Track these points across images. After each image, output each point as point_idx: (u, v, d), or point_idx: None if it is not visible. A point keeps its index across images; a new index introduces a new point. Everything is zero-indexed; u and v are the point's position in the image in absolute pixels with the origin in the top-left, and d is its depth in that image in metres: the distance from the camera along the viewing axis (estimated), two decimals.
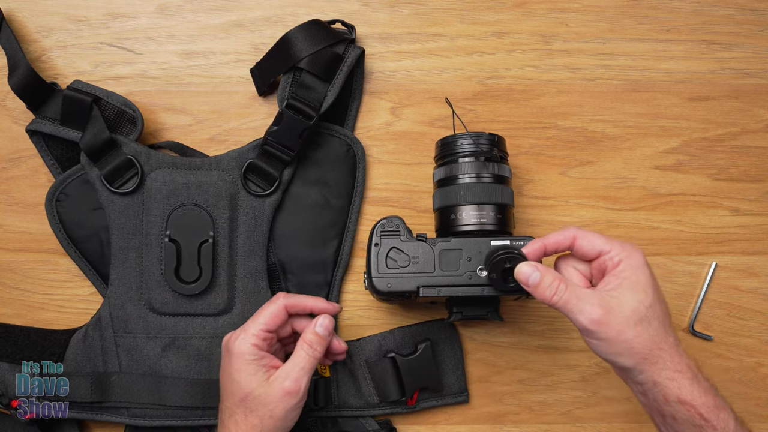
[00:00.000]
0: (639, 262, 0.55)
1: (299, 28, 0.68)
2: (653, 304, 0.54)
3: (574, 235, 0.57)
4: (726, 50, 0.75)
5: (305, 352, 0.59)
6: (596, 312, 0.53)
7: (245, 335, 0.59)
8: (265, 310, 0.61)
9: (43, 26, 0.73)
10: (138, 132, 0.69)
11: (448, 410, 0.71)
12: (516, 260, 0.57)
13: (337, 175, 0.71)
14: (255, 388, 0.58)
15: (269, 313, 0.60)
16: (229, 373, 0.59)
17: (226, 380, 0.60)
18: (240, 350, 0.59)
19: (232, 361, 0.59)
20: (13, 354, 0.68)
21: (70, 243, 0.69)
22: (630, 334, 0.53)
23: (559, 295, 0.54)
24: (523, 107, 0.74)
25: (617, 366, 0.55)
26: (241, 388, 0.58)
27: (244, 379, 0.58)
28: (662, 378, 0.53)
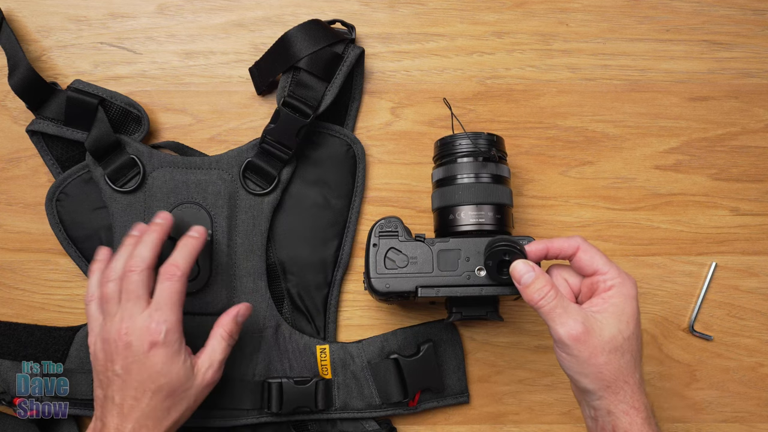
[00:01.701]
0: (630, 293, 0.55)
1: (299, 27, 0.68)
2: (631, 338, 0.54)
3: (578, 246, 0.57)
4: (726, 50, 0.75)
5: (225, 342, 0.61)
6: (577, 328, 0.53)
7: (171, 325, 0.57)
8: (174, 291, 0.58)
9: (43, 26, 0.73)
10: (144, 131, 0.70)
11: (448, 410, 0.71)
12: (515, 255, 0.57)
13: (337, 175, 0.71)
14: (183, 382, 0.57)
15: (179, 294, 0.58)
16: (152, 366, 0.56)
17: (143, 373, 0.56)
18: (170, 340, 0.57)
19: (160, 354, 0.56)
20: (17, 351, 0.68)
21: (70, 243, 0.69)
22: (602, 359, 0.53)
23: (547, 301, 0.54)
24: (523, 107, 0.74)
25: (579, 386, 0.55)
26: (171, 383, 0.56)
27: (174, 373, 0.57)
28: (618, 410, 0.54)
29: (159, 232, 0.61)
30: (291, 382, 0.67)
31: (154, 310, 0.57)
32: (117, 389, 0.57)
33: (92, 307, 0.61)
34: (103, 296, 0.60)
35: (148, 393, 0.56)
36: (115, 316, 0.58)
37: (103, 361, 0.58)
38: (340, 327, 0.71)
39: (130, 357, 0.56)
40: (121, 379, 0.56)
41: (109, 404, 0.57)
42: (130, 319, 0.57)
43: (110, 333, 0.57)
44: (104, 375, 0.58)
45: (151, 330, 0.56)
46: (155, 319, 0.57)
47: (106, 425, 0.56)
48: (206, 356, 0.60)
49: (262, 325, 0.68)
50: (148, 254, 0.59)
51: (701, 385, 0.72)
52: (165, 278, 0.58)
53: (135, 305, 0.57)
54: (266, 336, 0.68)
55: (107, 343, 0.58)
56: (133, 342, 0.56)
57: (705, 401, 0.71)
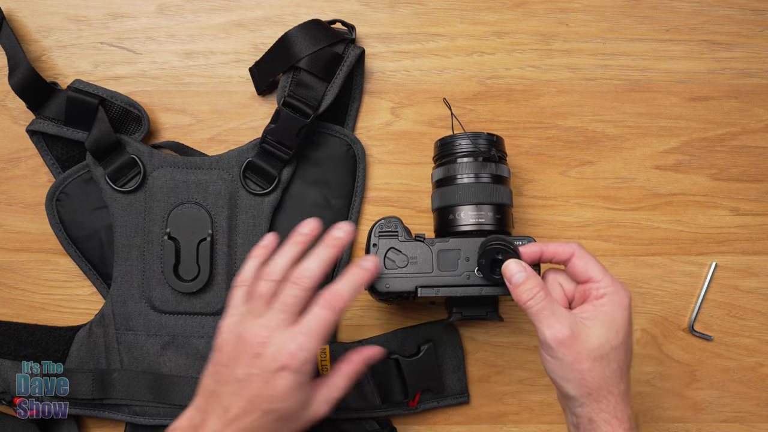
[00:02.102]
0: (623, 302, 0.55)
1: (299, 27, 0.68)
2: (618, 348, 0.53)
3: (573, 252, 0.57)
4: (726, 50, 0.75)
5: (349, 382, 0.58)
6: (563, 332, 0.53)
7: (310, 355, 0.53)
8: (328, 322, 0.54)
9: (43, 26, 0.73)
10: (144, 131, 0.70)
11: (448, 410, 0.71)
12: (508, 254, 0.57)
13: (337, 175, 0.71)
14: (296, 411, 0.54)
15: (331, 326, 0.54)
16: (274, 387, 0.53)
17: (262, 390, 0.53)
18: (303, 371, 0.53)
19: (287, 379, 0.52)
20: (17, 351, 0.68)
21: (70, 243, 0.69)
22: (586, 365, 0.52)
23: (535, 302, 0.54)
24: (523, 107, 0.74)
25: (562, 391, 0.55)
26: (285, 409, 0.53)
27: (292, 402, 0.54)
28: (599, 418, 0.53)
29: (336, 248, 0.57)
30: None
31: (300, 333, 0.53)
32: (230, 391, 0.54)
33: (239, 293, 0.57)
34: (255, 291, 0.56)
35: (258, 411, 0.53)
36: (259, 317, 0.54)
37: (227, 356, 0.55)
38: (340, 327, 0.71)
39: (256, 368, 0.53)
40: (239, 384, 0.53)
41: (215, 403, 0.54)
42: (273, 330, 0.53)
43: (247, 332, 0.54)
44: (223, 369, 0.55)
45: (289, 352, 0.52)
46: (298, 343, 0.52)
47: (205, 422, 0.54)
48: (326, 391, 0.56)
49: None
50: (318, 272, 0.56)
51: (701, 385, 0.72)
52: (324, 305, 0.54)
53: (284, 319, 0.54)
54: None
55: (240, 340, 0.54)
56: (265, 355, 0.53)
57: (705, 401, 0.71)
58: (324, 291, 0.55)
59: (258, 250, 0.60)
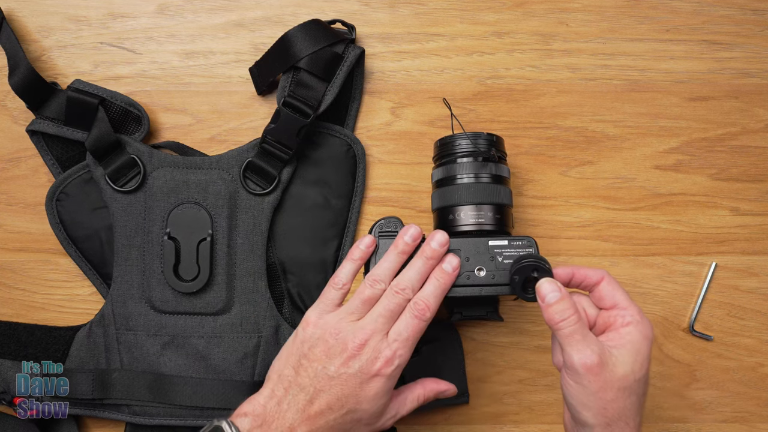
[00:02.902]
0: (648, 334, 0.54)
1: (299, 27, 0.68)
2: (641, 380, 0.53)
3: (602, 277, 0.56)
4: (726, 50, 0.75)
5: (416, 405, 0.60)
6: (593, 359, 0.52)
7: (402, 361, 0.55)
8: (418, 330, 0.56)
9: (43, 26, 0.73)
10: (144, 131, 0.70)
11: (448, 410, 0.71)
12: (544, 273, 0.56)
13: (337, 175, 0.71)
14: (374, 416, 0.56)
15: (420, 334, 0.57)
16: (365, 390, 0.55)
17: (352, 390, 0.54)
18: (394, 377, 0.55)
19: (380, 385, 0.55)
20: (17, 351, 0.68)
21: (70, 243, 0.69)
22: (610, 395, 0.52)
23: (567, 324, 0.53)
24: (523, 107, 0.74)
25: (578, 417, 0.54)
26: (367, 412, 0.55)
27: (376, 407, 0.56)
28: None
29: (433, 261, 0.59)
30: None
31: (395, 341, 0.55)
32: (317, 385, 0.55)
33: (333, 293, 0.59)
34: (359, 293, 0.58)
35: (344, 410, 0.54)
36: (358, 320, 0.56)
37: (320, 350, 0.56)
38: None
39: (351, 368, 0.55)
40: (330, 381, 0.55)
41: (298, 394, 0.55)
42: (371, 333, 0.55)
43: (346, 333, 0.55)
44: (312, 363, 0.56)
45: (386, 358, 0.55)
46: (393, 349, 0.55)
47: (282, 413, 0.54)
48: (397, 406, 0.59)
49: (262, 325, 0.68)
50: (418, 285, 0.58)
51: (701, 385, 0.72)
52: (415, 315, 0.56)
53: (382, 324, 0.56)
54: (266, 336, 0.68)
55: (337, 337, 0.55)
56: (363, 358, 0.55)
57: (705, 401, 0.71)
58: (415, 299, 0.57)
59: (356, 252, 0.60)
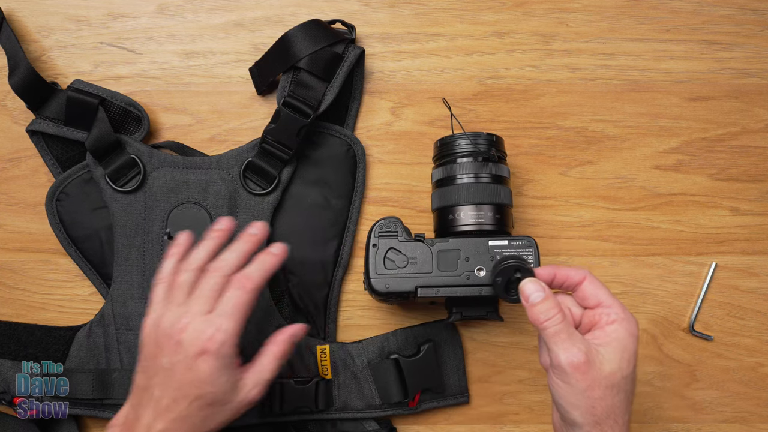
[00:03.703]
0: (633, 331, 0.54)
1: (299, 27, 0.68)
2: (628, 378, 0.53)
3: (584, 276, 0.56)
4: (726, 50, 0.75)
5: (277, 362, 0.58)
6: (579, 357, 0.51)
7: (227, 336, 0.54)
8: (242, 302, 0.56)
9: (43, 26, 0.73)
10: (144, 131, 0.70)
11: (448, 410, 0.71)
12: (527, 273, 0.56)
13: (337, 175, 0.71)
14: (225, 394, 0.55)
15: (245, 306, 0.56)
16: (198, 372, 0.54)
17: (187, 376, 0.54)
18: (223, 353, 0.54)
19: (208, 363, 0.54)
20: (17, 351, 0.68)
21: (70, 243, 0.69)
22: (597, 393, 0.51)
23: (552, 324, 0.53)
24: (523, 107, 0.74)
25: (567, 417, 0.53)
26: (213, 394, 0.54)
27: (219, 386, 0.55)
28: None
29: (251, 243, 0.60)
30: (291, 382, 0.67)
31: (217, 316, 0.55)
32: (159, 382, 0.55)
33: (159, 290, 0.59)
34: (175, 283, 0.58)
35: (188, 398, 0.54)
36: (179, 307, 0.56)
37: (152, 349, 0.56)
38: (340, 327, 0.71)
39: (179, 355, 0.54)
40: (166, 374, 0.55)
41: (147, 396, 0.55)
42: (192, 316, 0.55)
43: (168, 323, 0.56)
44: (151, 363, 0.56)
45: (207, 336, 0.54)
46: (215, 325, 0.54)
47: (138, 418, 0.55)
48: (254, 374, 0.57)
49: (262, 325, 0.68)
50: (236, 263, 0.58)
51: (701, 385, 0.72)
52: (236, 287, 0.56)
53: (202, 305, 0.56)
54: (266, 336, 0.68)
55: (161, 331, 0.56)
56: (185, 341, 0.54)
57: (705, 401, 0.71)
58: (235, 275, 0.57)
59: (174, 249, 0.61)
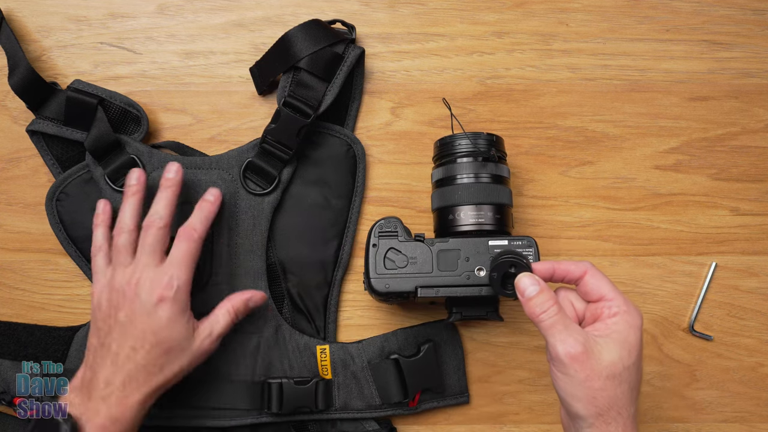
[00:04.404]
0: (636, 322, 0.54)
1: (299, 27, 0.68)
2: (630, 368, 0.53)
3: (586, 270, 0.56)
4: (726, 50, 0.75)
5: (230, 317, 0.63)
6: (576, 348, 0.52)
7: (181, 283, 0.59)
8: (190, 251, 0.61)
9: (43, 26, 0.73)
10: (143, 131, 0.70)
11: (448, 410, 0.71)
12: (521, 268, 0.57)
13: (337, 175, 0.71)
14: (182, 342, 0.59)
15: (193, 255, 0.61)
16: (157, 319, 0.58)
17: (146, 324, 0.58)
18: (180, 298, 0.59)
19: (167, 309, 0.58)
20: (17, 351, 0.68)
21: (70, 243, 0.69)
22: (598, 383, 0.51)
23: (548, 316, 0.53)
24: (523, 107, 0.74)
25: (570, 410, 0.53)
26: (171, 340, 0.58)
27: (177, 331, 0.59)
28: None
29: (173, 188, 0.63)
30: (291, 382, 0.67)
31: (168, 266, 0.59)
32: (116, 337, 0.58)
33: (99, 259, 0.62)
34: (115, 247, 0.61)
35: (146, 345, 0.57)
36: (128, 267, 0.60)
37: (106, 310, 0.59)
38: (340, 327, 0.71)
39: (137, 306, 0.58)
40: (123, 327, 0.58)
41: (104, 352, 0.58)
42: (143, 270, 0.59)
43: (120, 282, 0.59)
44: (105, 323, 0.59)
45: (163, 284, 0.58)
46: (168, 274, 0.59)
47: (96, 374, 0.58)
48: (208, 324, 0.62)
49: (262, 325, 0.68)
50: (165, 212, 0.62)
51: (701, 385, 0.72)
52: (182, 239, 0.61)
53: (150, 258, 0.60)
54: (266, 336, 0.68)
55: (115, 291, 0.59)
56: (142, 293, 0.58)
57: (705, 401, 0.71)
58: (180, 228, 0.62)
59: (97, 219, 0.64)
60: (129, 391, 0.57)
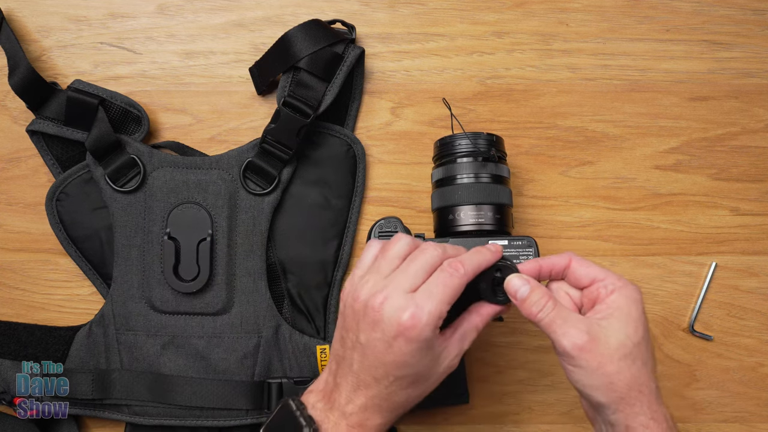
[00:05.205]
0: (634, 296, 0.52)
1: (299, 27, 0.68)
2: (640, 343, 0.51)
3: (570, 258, 0.55)
4: (726, 50, 0.75)
5: (477, 334, 0.55)
6: (581, 337, 0.50)
7: (430, 319, 0.50)
8: (450, 286, 0.52)
9: (43, 26, 0.73)
10: (144, 131, 0.70)
11: (448, 410, 0.71)
12: (507, 270, 0.55)
13: (337, 175, 0.71)
14: (427, 370, 0.52)
15: (456, 291, 0.52)
16: (397, 354, 0.50)
17: (386, 356, 0.50)
18: (422, 337, 0.50)
19: (409, 345, 0.50)
20: (17, 351, 0.68)
21: (70, 243, 0.69)
22: (612, 368, 0.50)
23: (545, 313, 0.52)
24: (523, 107, 0.74)
25: (592, 400, 0.52)
26: (416, 374, 0.51)
27: (421, 365, 0.51)
28: (637, 423, 0.50)
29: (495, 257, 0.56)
30: (291, 382, 0.67)
31: (420, 293, 0.51)
32: (357, 358, 0.52)
33: (373, 248, 0.55)
34: (386, 250, 0.54)
35: (389, 378, 0.51)
36: (384, 278, 0.52)
37: (350, 320, 0.53)
38: None
39: (376, 333, 0.50)
40: (362, 350, 0.51)
41: (346, 368, 0.53)
42: (393, 290, 0.51)
43: (366, 294, 0.52)
44: (348, 335, 0.53)
45: (405, 317, 0.49)
46: (417, 304, 0.50)
47: (338, 386, 0.53)
48: (457, 343, 0.54)
49: (262, 325, 0.68)
50: (472, 269, 0.53)
51: (701, 385, 0.72)
52: (443, 269, 0.52)
53: (407, 281, 0.51)
54: (266, 336, 0.68)
55: (357, 302, 0.52)
56: (382, 320, 0.50)
57: (705, 401, 0.71)
58: (450, 260, 0.53)
59: None
60: (370, 414, 0.52)
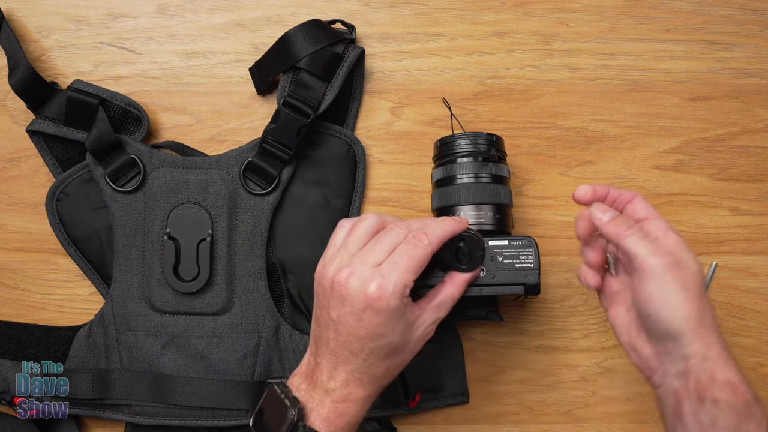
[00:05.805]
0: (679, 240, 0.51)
1: (299, 27, 0.68)
2: (701, 280, 0.50)
3: (636, 195, 0.54)
4: (726, 50, 0.75)
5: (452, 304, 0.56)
6: (668, 257, 0.49)
7: (396, 288, 0.50)
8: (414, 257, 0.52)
9: (43, 26, 0.73)
10: (144, 131, 0.70)
11: (448, 410, 0.71)
12: (471, 240, 0.55)
13: (337, 175, 0.71)
14: (402, 338, 0.52)
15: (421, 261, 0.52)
16: (369, 326, 0.50)
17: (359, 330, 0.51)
18: (390, 307, 0.50)
19: (379, 316, 0.50)
20: (17, 351, 0.68)
21: (70, 243, 0.69)
22: (694, 292, 0.48)
23: (634, 231, 0.50)
24: (523, 107, 0.74)
25: (669, 331, 0.49)
26: (392, 342, 0.52)
27: (395, 334, 0.51)
28: (713, 353, 0.48)
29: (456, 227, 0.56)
30: None
31: (385, 265, 0.51)
32: (332, 335, 0.52)
33: (341, 231, 0.56)
34: (355, 226, 0.55)
35: (365, 351, 0.51)
36: (350, 255, 0.52)
37: (321, 298, 0.54)
38: None
39: (345, 308, 0.51)
40: (335, 327, 0.52)
41: (324, 347, 0.53)
42: (358, 265, 0.51)
43: (332, 271, 0.52)
44: (321, 314, 0.54)
45: (372, 289, 0.50)
46: (382, 275, 0.50)
47: (319, 364, 0.53)
48: (432, 312, 0.55)
49: (262, 325, 0.68)
50: (436, 239, 0.53)
51: None
52: (407, 241, 0.52)
53: (373, 255, 0.52)
54: (266, 336, 0.68)
55: (325, 279, 0.53)
56: (350, 295, 0.51)
57: None
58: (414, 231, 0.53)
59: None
60: (353, 388, 0.52)
